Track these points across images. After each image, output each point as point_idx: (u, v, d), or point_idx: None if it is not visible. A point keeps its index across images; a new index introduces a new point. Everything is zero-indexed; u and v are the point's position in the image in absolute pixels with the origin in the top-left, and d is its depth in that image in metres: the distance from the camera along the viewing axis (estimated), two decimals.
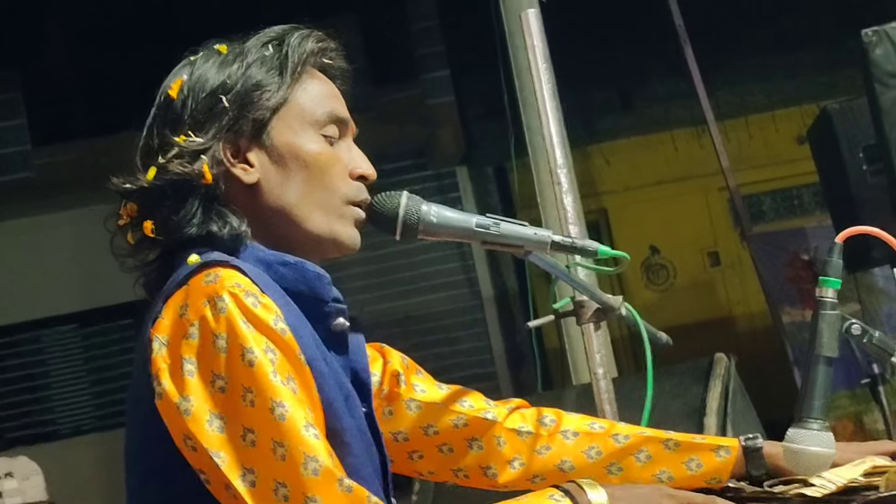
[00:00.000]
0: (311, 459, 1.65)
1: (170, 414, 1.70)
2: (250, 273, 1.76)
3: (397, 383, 2.21)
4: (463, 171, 8.98)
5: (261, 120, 1.87)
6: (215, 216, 1.84)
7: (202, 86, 1.88)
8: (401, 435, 2.20)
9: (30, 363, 8.95)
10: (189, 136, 1.85)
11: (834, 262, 1.97)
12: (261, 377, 1.67)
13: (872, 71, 4.88)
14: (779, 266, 7.12)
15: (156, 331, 1.73)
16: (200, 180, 1.83)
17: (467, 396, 2.23)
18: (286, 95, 1.89)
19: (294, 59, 1.90)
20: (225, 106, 1.85)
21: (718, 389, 3.54)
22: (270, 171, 1.88)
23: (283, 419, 1.66)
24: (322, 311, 1.87)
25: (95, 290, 8.53)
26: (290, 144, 1.88)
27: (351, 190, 1.92)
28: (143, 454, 1.80)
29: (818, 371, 1.94)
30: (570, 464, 2.18)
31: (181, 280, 1.76)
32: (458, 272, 8.89)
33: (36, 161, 8.23)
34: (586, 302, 2.68)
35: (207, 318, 1.69)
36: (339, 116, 1.93)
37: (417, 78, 8.64)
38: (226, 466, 1.65)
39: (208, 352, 1.69)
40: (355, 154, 1.95)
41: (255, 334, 1.69)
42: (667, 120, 9.04)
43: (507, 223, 2.00)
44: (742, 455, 2.14)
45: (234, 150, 1.87)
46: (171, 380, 1.69)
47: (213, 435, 1.66)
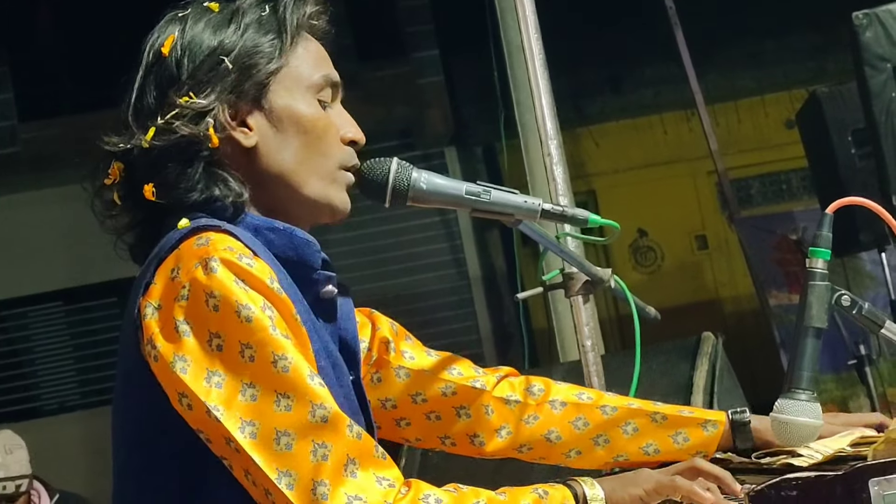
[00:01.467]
0: (319, 406, 1.65)
1: (165, 374, 1.68)
2: (242, 237, 1.75)
3: (386, 350, 2.21)
4: (451, 151, 8.96)
5: (261, 83, 1.84)
6: (219, 181, 1.81)
7: (198, 45, 1.85)
8: (389, 402, 2.19)
9: (15, 340, 8.93)
10: (191, 97, 1.81)
11: (824, 234, 1.96)
12: (259, 332, 1.66)
13: (863, 54, 4.89)
14: (766, 249, 7.14)
15: (148, 297, 1.71)
16: (206, 143, 1.80)
17: (456, 364, 2.23)
18: (285, 59, 1.87)
19: (292, 22, 1.88)
20: (227, 67, 1.82)
21: (706, 367, 3.53)
22: (269, 136, 1.86)
23: (286, 371, 1.65)
24: (311, 277, 1.86)
25: (81, 268, 8.51)
26: (288, 108, 1.86)
27: (344, 155, 1.90)
28: (130, 424, 1.79)
29: (807, 342, 1.93)
30: (557, 434, 2.18)
31: (172, 245, 1.74)
32: (445, 252, 8.89)
33: (22, 136, 8.20)
34: (575, 274, 2.67)
35: (199, 279, 1.68)
36: (333, 80, 1.92)
37: (406, 57, 8.63)
38: (224, 419, 1.64)
39: (201, 311, 1.67)
40: (345, 119, 1.93)
41: (250, 293, 1.68)
42: (656, 103, 9.06)
43: (498, 191, 1.98)
44: (729, 429, 2.15)
45: (233, 113, 1.84)
46: (166, 341, 1.68)
47: (211, 390, 1.65)
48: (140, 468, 1.77)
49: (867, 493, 1.59)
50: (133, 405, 1.77)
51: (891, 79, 4.80)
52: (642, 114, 9.26)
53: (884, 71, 4.81)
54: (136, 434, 1.78)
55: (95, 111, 7.94)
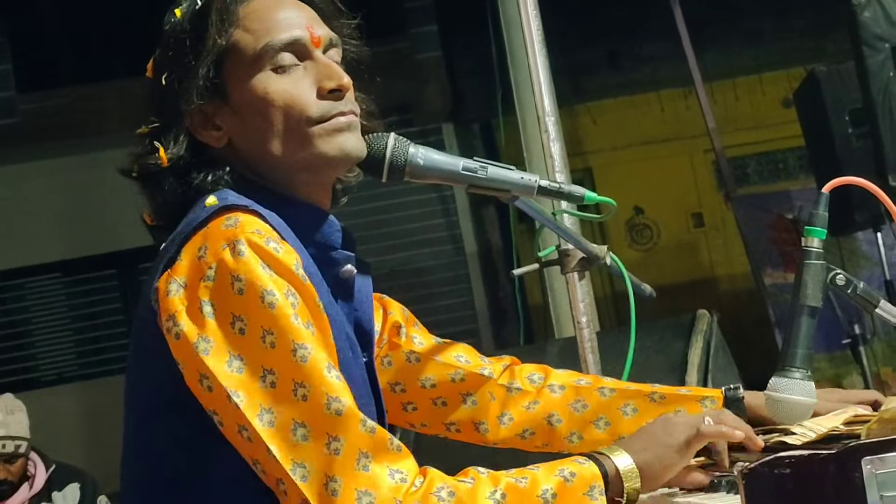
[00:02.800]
0: (334, 400, 1.64)
1: (186, 354, 1.68)
2: (270, 219, 1.75)
3: (397, 334, 2.22)
4: (449, 127, 8.95)
5: (207, 84, 1.83)
6: (204, 179, 1.83)
7: (156, 64, 1.88)
8: (398, 386, 2.21)
9: (13, 310, 8.93)
10: (151, 122, 1.86)
11: (820, 214, 1.97)
12: (282, 319, 1.66)
13: (861, 33, 4.89)
14: (762, 228, 7.15)
15: (174, 272, 1.71)
16: (160, 165, 1.82)
17: (463, 351, 2.25)
18: (222, 46, 1.84)
19: (218, 5, 1.84)
20: (167, 86, 1.83)
21: (700, 345, 3.54)
22: (236, 127, 1.86)
23: (304, 361, 1.65)
24: (330, 257, 1.86)
25: (80, 239, 8.52)
26: (242, 94, 1.84)
27: (319, 109, 1.85)
28: (143, 396, 1.79)
29: (802, 321, 1.94)
30: (558, 417, 2.20)
31: (200, 223, 1.74)
32: (441, 228, 8.88)
33: (21, 107, 8.18)
34: (571, 251, 2.68)
35: (226, 261, 1.68)
36: (286, 42, 1.85)
37: (405, 32, 8.61)
38: (244, 406, 1.64)
39: (227, 294, 1.67)
40: (322, 69, 1.87)
41: (275, 278, 1.68)
42: (654, 80, 9.04)
43: (495, 167, 1.99)
44: (724, 405, 2.16)
45: (203, 119, 1.85)
46: (190, 320, 1.68)
47: (233, 375, 1.65)
48: (149, 440, 1.78)
49: (860, 472, 1.59)
50: (147, 377, 1.78)
51: (889, 59, 4.80)
52: (640, 91, 9.24)
53: (882, 51, 4.82)
54: (148, 406, 1.78)
55: (94, 82, 7.96)
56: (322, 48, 1.89)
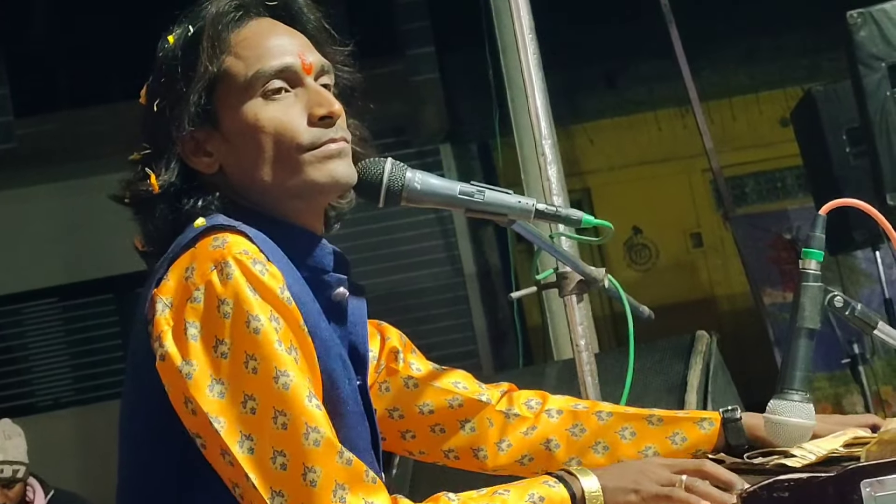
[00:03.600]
0: (313, 430, 1.64)
1: (171, 376, 1.68)
2: (257, 240, 1.75)
3: (395, 360, 2.22)
4: (446, 148, 8.96)
5: (198, 111, 1.83)
6: (194, 204, 1.83)
7: (148, 91, 1.88)
8: (396, 412, 2.20)
9: (9, 336, 8.91)
10: (143, 149, 1.86)
11: (817, 236, 1.97)
12: (265, 345, 1.66)
13: (857, 53, 4.88)
14: (761, 247, 7.14)
15: (160, 292, 1.72)
16: (151, 192, 1.83)
17: (461, 378, 2.24)
18: (213, 73, 1.83)
19: (210, 32, 1.84)
20: (159, 112, 1.83)
21: (700, 366, 3.53)
22: (227, 154, 1.85)
23: (286, 388, 1.65)
24: (322, 279, 1.86)
25: (76, 264, 8.52)
26: (233, 121, 1.84)
27: (310, 137, 1.84)
28: (137, 417, 1.79)
29: (800, 343, 1.95)
30: (556, 442, 2.19)
31: (188, 243, 1.75)
32: (440, 249, 8.88)
33: (18, 132, 8.19)
34: (569, 273, 2.67)
35: (213, 283, 1.68)
36: (277, 69, 1.85)
37: (401, 54, 8.63)
38: (224, 432, 1.64)
39: (212, 317, 1.67)
40: (313, 96, 1.86)
41: (260, 302, 1.68)
42: (651, 100, 9.05)
43: (492, 191, 1.99)
44: (722, 427, 2.15)
45: (194, 145, 1.85)
46: (174, 342, 1.68)
47: (214, 400, 1.65)
48: (143, 463, 1.78)
49: (859, 494, 1.59)
50: (141, 399, 1.77)
51: (885, 78, 4.79)
52: (637, 111, 9.25)
53: (878, 70, 4.81)
54: (141, 429, 1.78)
55: (91, 106, 7.97)
56: (313, 75, 1.89)
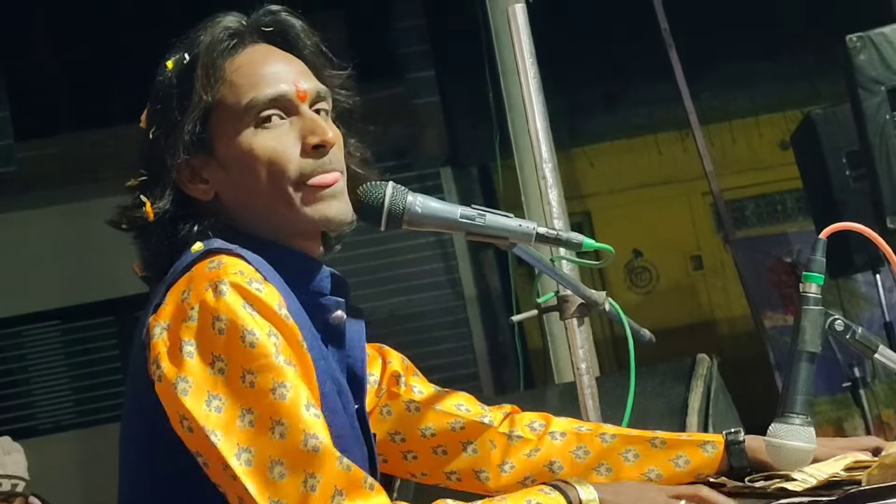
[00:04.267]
0: (312, 437, 1.65)
1: (168, 395, 1.69)
2: (253, 261, 1.76)
3: (396, 384, 2.22)
4: (447, 171, 8.98)
5: (193, 139, 1.84)
6: (191, 229, 1.84)
7: (146, 118, 1.89)
8: (398, 435, 2.20)
9: (10, 359, 8.91)
10: (140, 175, 1.87)
11: (817, 259, 1.97)
12: (262, 358, 1.67)
13: (856, 77, 4.89)
14: (761, 270, 7.14)
15: (158, 317, 1.73)
16: (146, 219, 1.84)
17: (463, 400, 2.24)
18: (208, 101, 1.84)
19: (204, 60, 1.85)
20: (154, 140, 1.85)
21: (700, 389, 3.53)
22: (222, 181, 1.86)
23: (283, 398, 1.66)
24: (320, 303, 1.86)
25: (78, 287, 8.51)
26: (228, 149, 1.85)
27: (304, 166, 1.85)
28: (136, 443, 1.80)
29: (801, 367, 1.94)
30: (559, 464, 2.19)
31: (184, 267, 1.76)
32: (440, 272, 8.88)
33: (19, 155, 8.21)
34: (570, 296, 2.67)
35: (208, 301, 1.69)
36: (271, 98, 1.85)
37: (402, 77, 8.65)
38: (221, 444, 1.64)
39: (207, 333, 1.68)
40: (307, 125, 1.86)
41: (257, 318, 1.69)
42: (651, 124, 9.06)
43: (492, 214, 1.99)
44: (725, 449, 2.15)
45: (190, 172, 1.86)
46: (170, 361, 1.69)
47: (211, 415, 1.66)
48: (143, 485, 1.78)
49: None
50: (139, 423, 1.78)
51: (885, 101, 4.80)
52: (637, 134, 9.26)
53: (878, 94, 4.81)
54: (141, 451, 1.78)
55: (92, 130, 7.98)
56: (309, 102, 1.89)
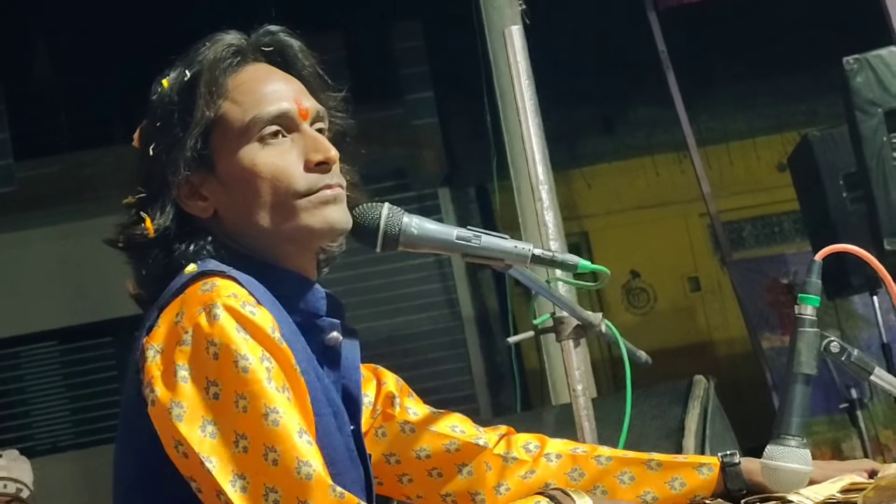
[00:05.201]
0: (305, 464, 1.64)
1: (162, 420, 1.68)
2: (247, 284, 1.76)
3: (391, 405, 2.21)
4: (445, 192, 8.99)
5: (194, 155, 1.84)
6: (186, 248, 1.84)
7: (143, 134, 1.89)
8: (393, 457, 2.20)
9: (8, 379, 8.90)
10: (139, 192, 1.87)
11: (813, 281, 1.98)
12: (254, 384, 1.66)
13: (853, 99, 4.90)
14: (759, 292, 7.16)
15: (151, 339, 1.73)
16: (147, 237, 1.84)
17: (458, 421, 2.24)
18: (210, 118, 1.85)
19: (207, 77, 1.86)
20: (154, 156, 1.84)
21: (697, 411, 3.53)
22: (222, 198, 1.87)
23: (276, 424, 1.65)
24: (315, 324, 1.86)
25: (76, 307, 8.50)
26: (229, 165, 1.85)
27: (306, 183, 1.86)
28: (130, 467, 1.79)
29: (796, 388, 1.95)
30: (554, 486, 2.18)
31: (177, 290, 1.76)
32: (438, 292, 8.88)
33: (18, 174, 8.22)
34: (566, 318, 2.68)
35: (201, 325, 1.69)
36: (274, 115, 1.87)
37: (401, 98, 8.67)
38: (217, 472, 1.64)
39: (201, 358, 1.68)
40: (309, 142, 1.88)
41: (250, 342, 1.69)
42: (648, 145, 9.07)
43: (488, 236, 1.99)
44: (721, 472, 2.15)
45: (189, 189, 1.86)
46: (164, 386, 1.68)
47: (206, 440, 1.65)
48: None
49: None
50: (134, 448, 1.77)
51: (882, 123, 4.81)
52: (634, 155, 9.26)
53: (875, 115, 4.82)
54: (135, 475, 1.78)
55: (92, 150, 7.99)
56: (309, 120, 1.91)
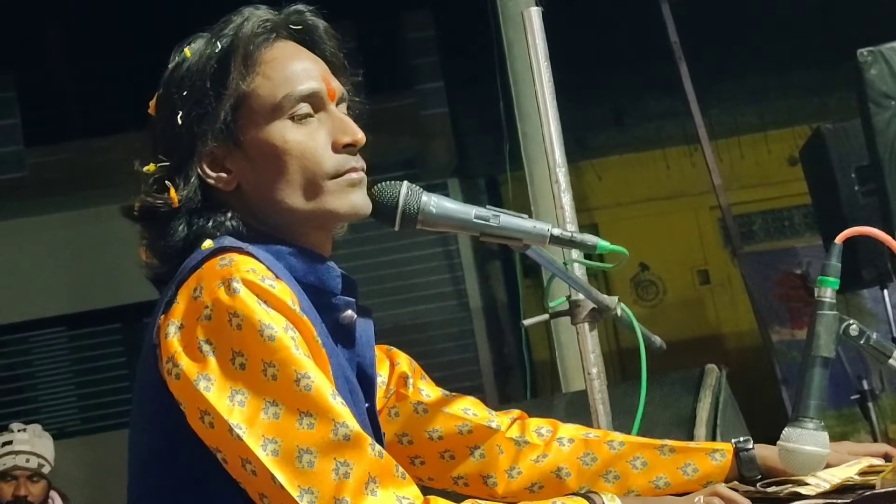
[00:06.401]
0: (342, 425, 1.64)
1: (187, 392, 1.67)
2: (264, 259, 1.75)
3: (404, 385, 2.22)
4: (454, 182, 9.00)
5: (223, 126, 1.84)
6: (206, 222, 1.83)
7: (165, 102, 1.87)
8: (405, 437, 2.20)
9: (17, 364, 8.92)
10: (160, 161, 1.85)
11: (833, 264, 1.97)
12: (282, 351, 1.66)
13: (867, 91, 4.88)
14: (769, 284, 7.14)
15: (171, 315, 1.72)
16: (171, 206, 1.83)
17: (470, 404, 2.24)
18: (243, 90, 1.84)
19: (240, 51, 1.85)
20: (182, 125, 1.83)
21: (709, 400, 3.53)
22: (247, 172, 1.86)
23: (308, 389, 1.65)
24: (330, 302, 1.86)
25: (85, 294, 8.52)
26: (257, 140, 1.84)
27: (335, 163, 1.86)
28: (146, 444, 1.78)
29: (814, 371, 1.94)
30: (567, 470, 2.18)
31: (194, 266, 1.75)
32: (446, 283, 8.89)
33: (29, 161, 8.23)
34: (582, 301, 2.67)
35: (222, 299, 1.68)
36: (305, 93, 1.87)
37: (411, 88, 8.67)
38: (247, 437, 1.63)
39: (225, 331, 1.67)
40: (337, 123, 1.88)
41: (272, 313, 1.68)
42: (659, 138, 9.07)
43: (507, 215, 1.99)
44: (735, 458, 2.14)
45: (211, 161, 1.85)
46: (189, 359, 1.68)
47: (234, 408, 1.65)
48: (152, 488, 1.76)
49: None
50: (149, 424, 1.77)
51: (895, 116, 4.80)
52: (645, 148, 9.26)
53: (888, 108, 4.81)
54: (150, 453, 1.77)
55: (102, 137, 8.00)
56: (335, 101, 1.91)
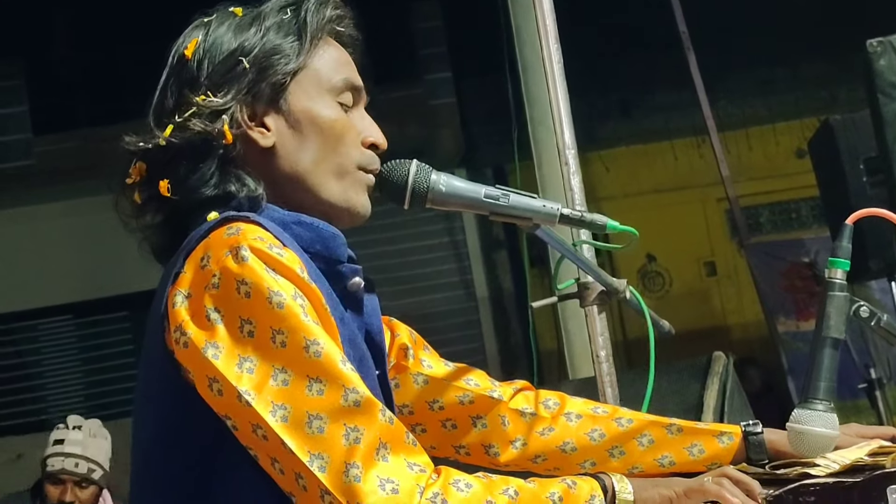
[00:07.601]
0: (352, 391, 1.64)
1: (196, 360, 1.67)
2: (271, 229, 1.75)
3: (405, 356, 2.21)
4: (462, 172, 9.00)
5: (278, 84, 1.86)
6: (233, 178, 1.83)
7: (219, 47, 1.87)
8: (406, 408, 2.19)
9: (24, 352, 8.93)
10: (208, 96, 1.84)
11: (843, 245, 1.97)
12: (291, 318, 1.66)
13: (876, 82, 4.87)
14: (776, 276, 7.13)
15: (179, 285, 1.71)
16: (221, 140, 1.82)
17: (473, 375, 2.23)
18: (304, 61, 1.88)
19: (313, 25, 1.90)
20: (245, 68, 1.85)
21: (716, 387, 3.53)
22: (286, 136, 1.87)
23: (318, 356, 1.65)
24: (338, 270, 1.86)
25: (92, 282, 8.53)
26: (306, 110, 1.87)
27: (363, 158, 1.91)
28: (152, 417, 1.78)
29: (825, 353, 1.94)
30: (573, 445, 2.18)
31: (201, 235, 1.74)
32: (453, 273, 8.89)
33: (37, 149, 8.24)
34: (591, 284, 2.66)
35: (229, 267, 1.67)
36: (354, 84, 1.93)
37: (419, 78, 8.68)
38: (256, 403, 1.63)
39: (233, 299, 1.67)
40: (367, 123, 1.94)
41: (281, 281, 1.68)
42: (667, 129, 9.07)
43: (517, 195, 1.98)
44: (743, 441, 2.13)
45: (251, 113, 1.86)
46: (197, 328, 1.67)
47: (243, 375, 1.64)
48: (158, 467, 1.76)
49: (885, 500, 1.59)
50: (156, 397, 1.76)
51: None
52: (653, 139, 9.26)
53: None
54: (157, 427, 1.76)
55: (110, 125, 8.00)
56: (364, 101, 1.97)
